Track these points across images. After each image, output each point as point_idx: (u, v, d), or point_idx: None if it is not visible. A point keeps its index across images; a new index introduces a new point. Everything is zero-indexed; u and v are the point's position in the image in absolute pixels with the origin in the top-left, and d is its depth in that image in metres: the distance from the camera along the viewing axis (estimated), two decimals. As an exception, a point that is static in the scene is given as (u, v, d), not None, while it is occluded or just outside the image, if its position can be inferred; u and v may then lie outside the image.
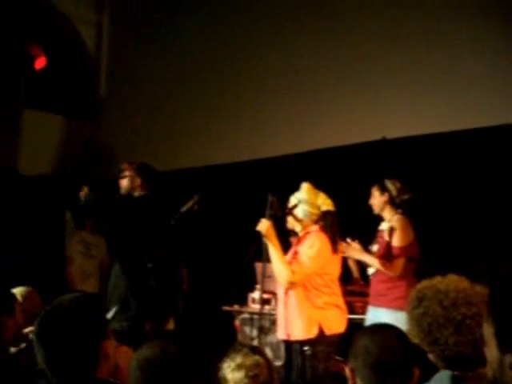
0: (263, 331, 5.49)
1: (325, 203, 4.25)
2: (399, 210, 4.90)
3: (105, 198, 5.09)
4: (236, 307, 6.23)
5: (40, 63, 8.57)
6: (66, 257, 7.49)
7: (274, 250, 4.15)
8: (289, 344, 4.29)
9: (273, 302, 5.71)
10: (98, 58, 9.22)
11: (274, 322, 5.68)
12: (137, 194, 5.16)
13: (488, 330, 1.68)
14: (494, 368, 1.62)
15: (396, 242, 4.79)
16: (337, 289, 4.25)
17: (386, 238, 4.86)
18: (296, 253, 4.22)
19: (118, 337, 2.27)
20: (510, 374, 1.55)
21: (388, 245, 4.83)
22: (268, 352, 5.77)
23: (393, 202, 4.89)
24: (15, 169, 8.30)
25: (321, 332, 4.04)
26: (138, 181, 5.15)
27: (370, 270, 5.00)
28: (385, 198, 4.91)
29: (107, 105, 9.02)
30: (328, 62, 6.69)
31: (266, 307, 5.65)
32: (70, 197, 8.13)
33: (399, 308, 4.56)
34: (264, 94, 7.33)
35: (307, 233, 4.25)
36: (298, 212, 4.25)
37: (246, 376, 2.30)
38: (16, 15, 8.27)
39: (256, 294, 5.98)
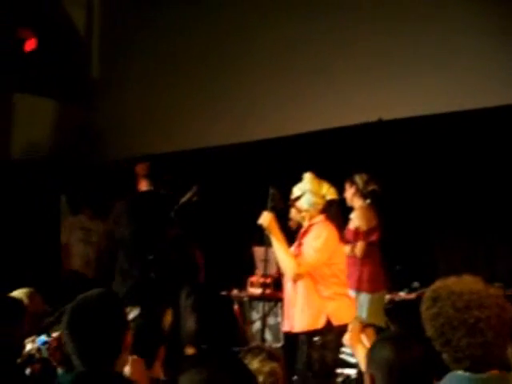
0: (264, 314, 5.51)
1: (329, 192, 4.24)
2: (367, 201, 5.30)
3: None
4: (235, 291, 6.24)
5: (30, 45, 8.45)
6: (63, 245, 7.32)
7: (277, 242, 4.13)
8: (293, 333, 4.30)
9: (272, 286, 5.74)
10: (89, 40, 9.08)
11: (273, 306, 5.72)
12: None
13: (510, 352, 1.68)
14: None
15: (354, 227, 5.29)
16: (345, 278, 4.25)
17: (350, 224, 5.32)
18: (301, 245, 4.20)
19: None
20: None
21: (351, 230, 5.29)
22: (268, 335, 5.81)
23: (361, 194, 5.32)
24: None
25: (328, 322, 4.04)
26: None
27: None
28: (353, 190, 5.35)
29: (100, 87, 8.90)
30: (324, 42, 6.60)
31: (266, 291, 5.67)
32: (66, 181, 8.11)
33: (359, 290, 5.13)
34: (260, 73, 7.23)
35: (312, 224, 4.23)
36: (303, 203, 4.22)
37: (264, 382, 2.29)
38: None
39: (256, 278, 6.00)
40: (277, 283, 5.56)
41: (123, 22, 8.73)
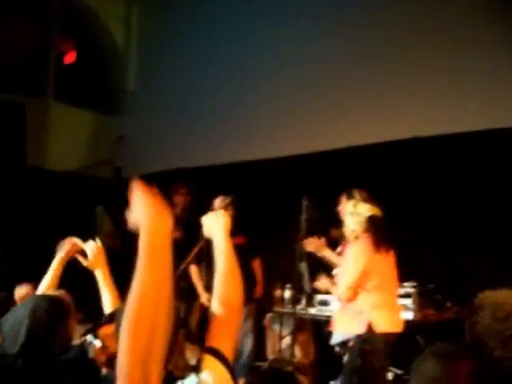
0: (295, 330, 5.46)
1: (366, 210, 4.34)
2: None
3: None
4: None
5: (70, 58, 8.62)
6: None
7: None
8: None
9: (303, 301, 5.68)
10: (127, 52, 9.22)
11: (303, 321, 5.66)
12: None
13: None
14: None
15: None
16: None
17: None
18: None
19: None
20: None
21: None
22: (297, 350, 5.75)
23: None
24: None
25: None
26: None
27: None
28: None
29: (136, 99, 8.99)
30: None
31: (298, 306, 5.61)
32: (101, 193, 8.16)
33: None
34: (290, 90, 7.29)
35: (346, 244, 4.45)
36: (348, 224, 4.40)
37: None
38: (46, 11, 8.30)
39: (287, 293, 5.94)
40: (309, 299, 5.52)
41: (161, 34, 8.82)
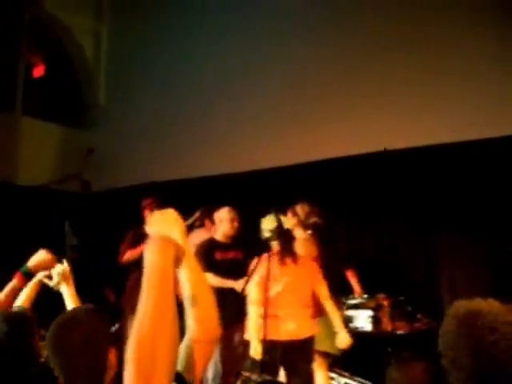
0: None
1: (269, 223, 4.58)
2: (307, 232, 5.28)
3: None
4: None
5: (39, 71, 8.58)
6: None
7: None
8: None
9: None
10: (97, 67, 9.21)
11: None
12: None
13: None
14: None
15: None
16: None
17: None
18: None
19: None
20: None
21: None
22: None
23: (302, 225, 5.30)
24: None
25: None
26: None
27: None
28: (294, 220, 5.31)
29: (106, 113, 8.97)
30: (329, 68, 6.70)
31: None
32: (70, 207, 8.10)
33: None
34: (255, 108, 7.32)
35: None
36: None
37: None
38: (15, 24, 8.26)
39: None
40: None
41: (131, 49, 8.83)
